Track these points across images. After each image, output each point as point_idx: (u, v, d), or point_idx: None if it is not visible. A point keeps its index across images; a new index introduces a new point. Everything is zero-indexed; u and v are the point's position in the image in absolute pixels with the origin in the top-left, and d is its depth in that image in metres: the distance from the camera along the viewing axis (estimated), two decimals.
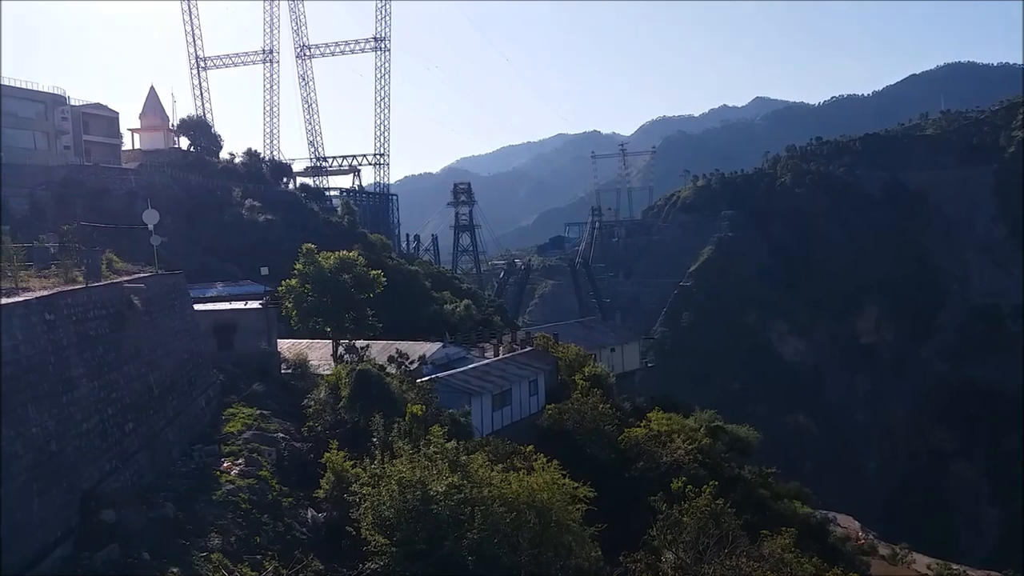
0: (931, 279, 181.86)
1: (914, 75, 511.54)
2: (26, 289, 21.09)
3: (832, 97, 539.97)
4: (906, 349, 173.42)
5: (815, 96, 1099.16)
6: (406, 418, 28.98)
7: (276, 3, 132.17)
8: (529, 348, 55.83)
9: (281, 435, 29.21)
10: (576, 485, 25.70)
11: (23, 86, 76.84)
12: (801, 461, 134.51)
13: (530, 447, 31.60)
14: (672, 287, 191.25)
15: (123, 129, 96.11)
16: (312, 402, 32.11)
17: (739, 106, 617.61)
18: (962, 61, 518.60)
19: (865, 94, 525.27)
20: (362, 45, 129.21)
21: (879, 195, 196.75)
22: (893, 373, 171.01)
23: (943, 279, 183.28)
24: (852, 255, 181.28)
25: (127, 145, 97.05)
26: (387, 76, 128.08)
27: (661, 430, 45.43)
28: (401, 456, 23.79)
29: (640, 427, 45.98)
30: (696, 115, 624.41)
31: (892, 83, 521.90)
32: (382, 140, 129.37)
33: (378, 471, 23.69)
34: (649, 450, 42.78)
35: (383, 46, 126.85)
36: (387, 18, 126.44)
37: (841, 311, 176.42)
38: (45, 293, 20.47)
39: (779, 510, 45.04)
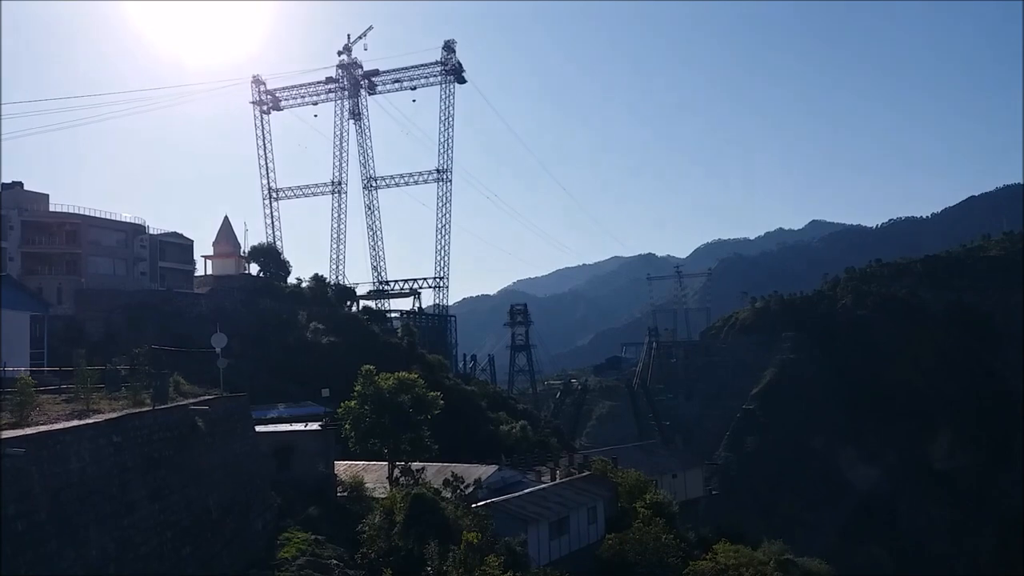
0: (1007, 403, 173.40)
1: (973, 197, 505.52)
2: (96, 411, 21.78)
3: (890, 220, 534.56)
4: (985, 476, 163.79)
5: (872, 219, 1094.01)
6: (461, 546, 28.30)
7: (346, 140, 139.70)
8: (587, 472, 54.54)
9: (335, 562, 28.78)
10: None
11: (107, 216, 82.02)
12: None
13: None
14: (735, 410, 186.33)
15: (197, 256, 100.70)
16: (366, 527, 31.70)
17: (795, 229, 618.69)
18: (1021, 182, 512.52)
19: (924, 216, 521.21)
20: (425, 177, 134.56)
21: (944, 316, 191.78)
22: (972, 502, 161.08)
23: (1020, 402, 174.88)
24: (920, 378, 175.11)
25: (200, 271, 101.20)
26: (448, 205, 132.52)
27: (728, 563, 43.49)
28: None
29: (706, 559, 44.15)
30: (752, 238, 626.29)
31: (951, 205, 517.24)
32: (442, 264, 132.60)
33: None
34: None
35: (445, 177, 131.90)
36: (449, 152, 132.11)
37: (912, 436, 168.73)
38: (113, 415, 21.08)
39: None
